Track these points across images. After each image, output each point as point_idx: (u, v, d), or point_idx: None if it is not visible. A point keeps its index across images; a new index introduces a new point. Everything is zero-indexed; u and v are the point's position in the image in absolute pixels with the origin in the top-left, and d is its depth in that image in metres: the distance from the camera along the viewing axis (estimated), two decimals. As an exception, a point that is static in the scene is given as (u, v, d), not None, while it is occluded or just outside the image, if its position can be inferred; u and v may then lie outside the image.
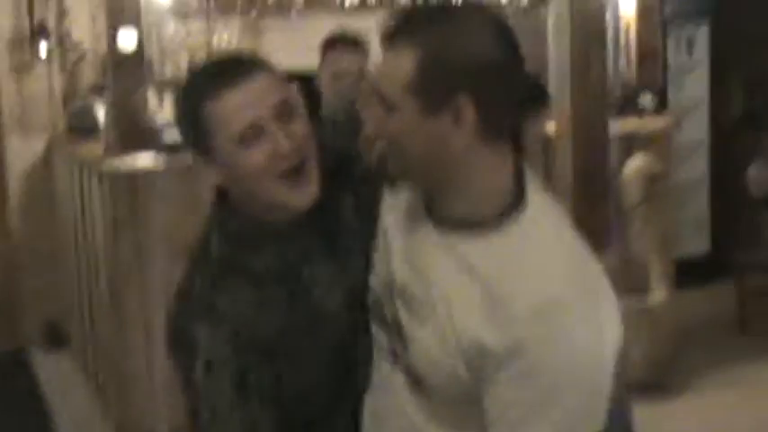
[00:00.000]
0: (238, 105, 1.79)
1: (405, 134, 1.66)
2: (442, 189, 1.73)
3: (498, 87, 1.64)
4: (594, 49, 3.86)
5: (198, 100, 1.83)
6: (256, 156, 1.81)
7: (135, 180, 4.92)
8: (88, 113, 6.33)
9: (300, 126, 1.84)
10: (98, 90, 6.67)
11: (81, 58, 7.09)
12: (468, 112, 1.62)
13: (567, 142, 3.90)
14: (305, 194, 1.84)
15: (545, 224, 1.71)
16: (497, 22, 1.69)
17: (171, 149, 4.94)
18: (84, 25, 7.13)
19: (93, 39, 7.15)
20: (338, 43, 4.40)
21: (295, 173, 1.82)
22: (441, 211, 1.75)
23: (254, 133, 1.80)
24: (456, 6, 1.71)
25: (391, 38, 1.67)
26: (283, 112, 1.82)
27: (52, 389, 6.06)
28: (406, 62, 1.63)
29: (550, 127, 4.78)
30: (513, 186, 1.71)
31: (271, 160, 1.80)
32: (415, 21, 1.68)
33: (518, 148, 1.75)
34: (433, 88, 1.62)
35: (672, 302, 5.15)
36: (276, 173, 1.81)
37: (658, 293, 4.88)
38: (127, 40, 4.97)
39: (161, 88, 6.59)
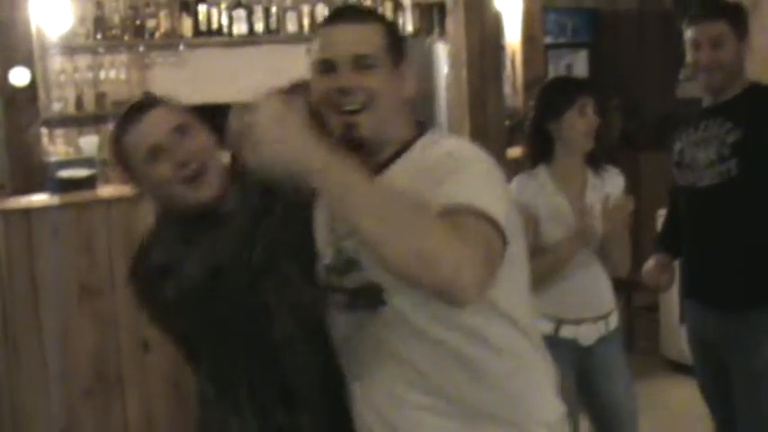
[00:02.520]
0: (141, 133, 2.25)
1: (385, 83, 2.10)
2: (389, 137, 2.13)
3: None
4: (491, 82, 3.95)
5: (117, 139, 2.31)
6: (161, 168, 2.24)
7: (30, 218, 4.85)
8: (-24, 152, 6.21)
9: (196, 141, 2.25)
10: (-16, 128, 6.56)
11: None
12: (411, 73, 2.19)
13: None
14: (205, 191, 2.25)
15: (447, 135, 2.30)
16: None
17: (64, 186, 4.90)
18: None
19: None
20: None
21: (194, 178, 2.24)
22: (377, 162, 2.13)
23: (156, 152, 2.24)
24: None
25: (359, 16, 2.16)
26: (179, 133, 2.24)
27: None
28: (378, 31, 2.13)
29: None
30: (418, 125, 2.21)
31: (173, 170, 2.23)
32: (365, 7, 2.42)
33: None
34: (396, 49, 2.15)
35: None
36: (179, 180, 2.24)
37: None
38: (18, 76, 4.92)
39: (50, 124, 6.50)
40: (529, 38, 6.30)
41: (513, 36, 6.32)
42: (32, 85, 4.97)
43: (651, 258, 3.73)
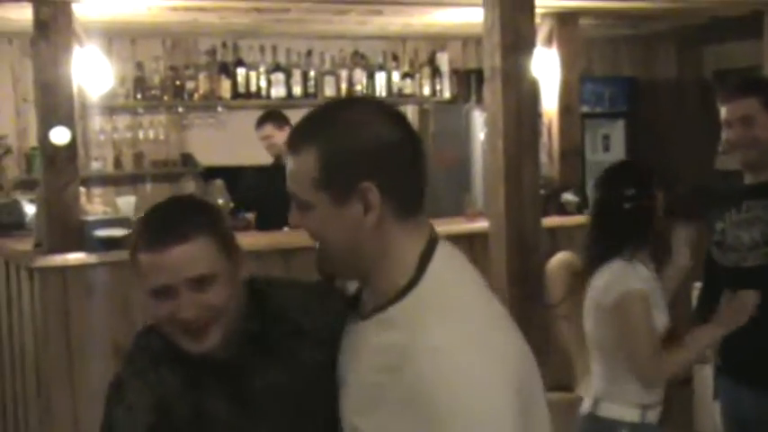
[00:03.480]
0: (159, 266, 1.88)
1: (323, 228, 1.76)
2: (366, 275, 1.81)
3: (397, 167, 1.74)
4: (528, 151, 3.97)
5: (135, 245, 1.93)
6: (162, 309, 1.90)
7: (66, 276, 4.89)
8: (14, 209, 6.27)
9: (214, 296, 1.91)
10: (23, 185, 6.65)
11: (6, 152, 7.06)
12: (373, 196, 1.71)
13: (500, 243, 3.98)
14: (201, 346, 1.92)
15: (439, 294, 1.74)
16: (387, 108, 1.82)
17: (102, 245, 4.94)
18: (9, 120, 7.12)
19: (17, 134, 7.14)
20: None
21: (195, 330, 1.91)
22: (367, 303, 1.83)
23: (165, 292, 1.89)
24: (348, 101, 1.93)
25: (294, 143, 1.78)
26: (200, 283, 1.89)
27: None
28: (308, 161, 1.73)
29: (482, 225, 4.87)
30: (417, 262, 1.76)
31: (172, 317, 1.90)
32: (311, 122, 1.79)
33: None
34: (337, 179, 1.72)
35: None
36: (177, 327, 1.91)
37: (583, 389, 4.94)
38: (59, 135, 4.98)
39: (88, 183, 6.56)
40: (565, 107, 6.32)
41: (549, 104, 6.34)
42: (72, 144, 5.03)
43: (694, 332, 3.70)
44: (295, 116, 7.87)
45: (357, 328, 1.83)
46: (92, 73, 6.10)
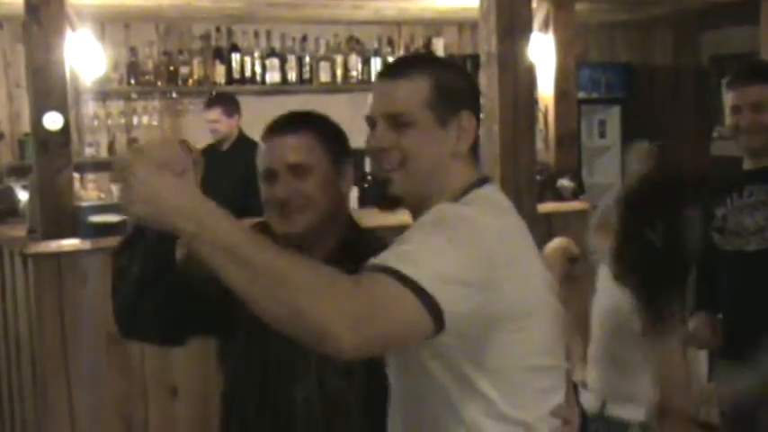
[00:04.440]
0: (268, 151, 2.29)
1: (419, 145, 2.00)
2: (429, 201, 2.00)
3: (479, 107, 2.10)
4: (524, 137, 3.94)
5: (268, 129, 2.34)
6: (266, 191, 2.28)
7: (60, 262, 4.86)
8: (7, 195, 6.24)
9: (308, 186, 2.26)
10: (16, 171, 6.62)
11: (-1, 138, 7.04)
12: (469, 123, 2.04)
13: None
14: (288, 227, 2.25)
15: (485, 199, 2.01)
16: (462, 66, 2.30)
17: (96, 231, 4.91)
18: (1, 106, 7.08)
19: (10, 119, 7.11)
20: None
21: (287, 212, 2.25)
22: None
23: (270, 175, 2.27)
24: (435, 54, 2.19)
25: (402, 70, 2.04)
26: (297, 171, 2.25)
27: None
28: (422, 85, 2.01)
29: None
30: (473, 182, 2.04)
31: (272, 198, 2.27)
32: (420, 57, 2.29)
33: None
34: (445, 104, 2.01)
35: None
36: (273, 207, 2.26)
37: (578, 374, 4.92)
38: (52, 120, 4.94)
39: (82, 169, 6.53)
40: (562, 93, 6.29)
41: (546, 90, 6.31)
42: (65, 129, 4.99)
43: (695, 317, 3.67)
44: (291, 102, 7.91)
45: None
46: (85, 58, 6.07)
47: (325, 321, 1.67)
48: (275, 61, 7.90)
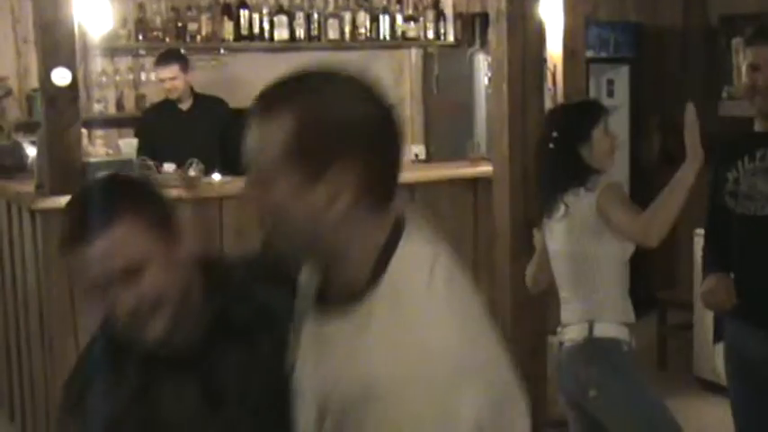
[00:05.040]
0: (83, 265, 1.78)
1: (283, 206, 1.57)
2: (326, 262, 1.65)
3: (378, 154, 1.58)
4: (532, 95, 3.94)
5: (63, 249, 1.83)
6: (104, 304, 1.80)
7: (67, 218, 4.87)
8: (15, 151, 6.25)
9: (148, 285, 1.77)
10: (24, 127, 6.62)
11: (6, 94, 7.03)
12: (348, 178, 1.54)
13: (504, 187, 3.96)
14: (149, 337, 1.80)
15: (405, 295, 1.58)
16: (372, 88, 1.62)
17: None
18: (9, 61, 7.07)
19: (18, 75, 7.10)
20: None
21: (139, 321, 1.79)
22: (325, 289, 1.68)
23: (99, 288, 1.77)
24: (332, 72, 1.62)
25: (264, 107, 1.58)
26: (129, 274, 1.76)
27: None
28: (282, 128, 1.54)
29: (486, 170, 4.86)
30: (380, 253, 1.60)
31: (114, 311, 1.79)
32: (288, 86, 1.60)
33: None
34: (313, 153, 1.53)
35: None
36: (123, 319, 1.79)
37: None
38: (60, 76, 4.94)
39: (90, 125, 6.53)
40: (570, 52, 6.25)
41: (554, 49, 6.29)
42: (74, 85, 4.99)
43: (710, 278, 3.68)
44: (299, 59, 7.88)
45: (317, 323, 1.68)
46: (93, 14, 6.06)
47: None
48: (283, 18, 7.87)
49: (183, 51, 7.48)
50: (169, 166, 5.56)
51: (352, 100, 1.58)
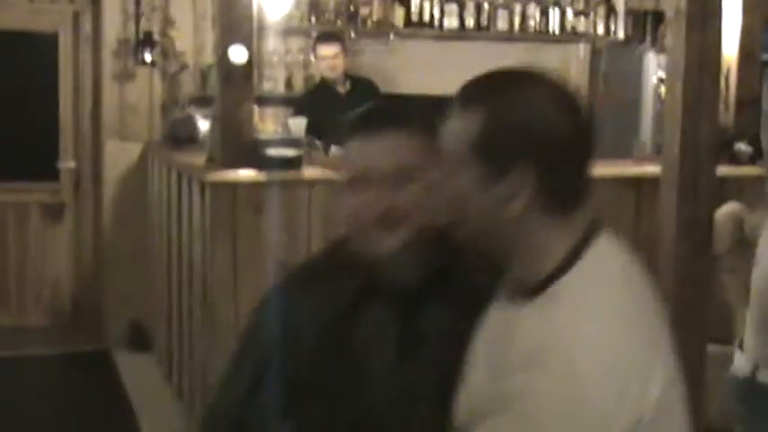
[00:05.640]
0: (357, 156, 1.90)
1: (463, 197, 1.66)
2: (503, 256, 1.72)
3: (563, 160, 1.63)
4: (707, 99, 3.87)
5: (345, 136, 1.95)
6: (356, 201, 1.89)
7: (236, 192, 5.01)
8: (188, 124, 6.46)
9: (406, 195, 1.86)
10: (197, 101, 6.81)
11: (182, 68, 7.24)
12: (526, 181, 1.61)
13: (672, 189, 3.91)
14: (383, 245, 1.87)
15: (588, 291, 1.63)
16: (569, 95, 1.69)
17: (273, 164, 5.04)
18: (187, 37, 7.29)
19: (194, 50, 7.31)
20: None
21: (382, 226, 1.86)
22: (507, 279, 1.75)
23: (361, 183, 1.88)
24: (528, 74, 1.71)
25: (463, 100, 1.68)
26: (395, 178, 1.86)
27: (136, 390, 6.19)
28: (473, 123, 1.63)
29: (651, 170, 4.80)
30: (567, 255, 1.65)
31: (364, 210, 1.87)
32: (485, 86, 1.69)
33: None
34: (496, 151, 1.61)
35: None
36: (366, 221, 1.87)
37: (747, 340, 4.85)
38: (237, 54, 5.07)
39: (261, 103, 6.68)
40: (746, 54, 6.13)
41: (729, 50, 6.16)
42: (249, 63, 5.12)
43: None
44: (468, 48, 7.88)
45: (498, 309, 1.77)
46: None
47: None
48: (453, 6, 7.88)
49: (353, 35, 7.62)
50: (336, 148, 5.66)
51: (547, 106, 1.64)
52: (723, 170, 5.61)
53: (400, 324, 1.91)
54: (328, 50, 6.73)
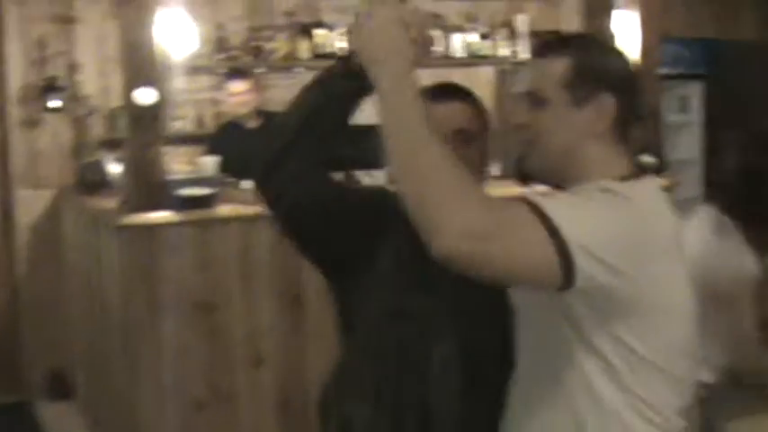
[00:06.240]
0: (434, 116, 2.02)
1: (554, 125, 2.02)
2: (570, 177, 2.02)
3: (628, 93, 2.05)
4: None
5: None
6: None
7: (151, 234, 5.00)
8: (99, 168, 6.41)
9: (470, 152, 2.30)
10: (108, 144, 6.77)
11: (91, 112, 7.20)
12: (609, 106, 2.01)
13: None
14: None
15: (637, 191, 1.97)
16: (621, 50, 2.22)
17: (185, 204, 5.03)
18: (93, 80, 7.25)
19: (102, 93, 7.27)
20: None
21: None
22: None
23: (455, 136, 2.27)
24: (590, 34, 2.27)
25: (545, 49, 2.10)
26: (459, 137, 2.29)
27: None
28: (560, 65, 2.02)
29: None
30: (627, 174, 2.01)
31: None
32: (565, 36, 2.19)
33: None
34: (582, 84, 2.01)
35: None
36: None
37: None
38: (144, 95, 5.07)
39: (171, 142, 6.65)
40: (645, 69, 6.27)
41: (629, 67, 6.28)
42: (157, 104, 5.11)
43: None
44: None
45: None
46: (175, 34, 6.19)
47: (443, 218, 1.73)
48: (359, 37, 7.93)
49: (260, 70, 7.64)
50: (248, 183, 5.66)
51: (611, 50, 2.19)
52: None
53: None
54: (238, 87, 6.75)
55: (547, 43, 2.14)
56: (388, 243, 2.32)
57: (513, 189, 2.34)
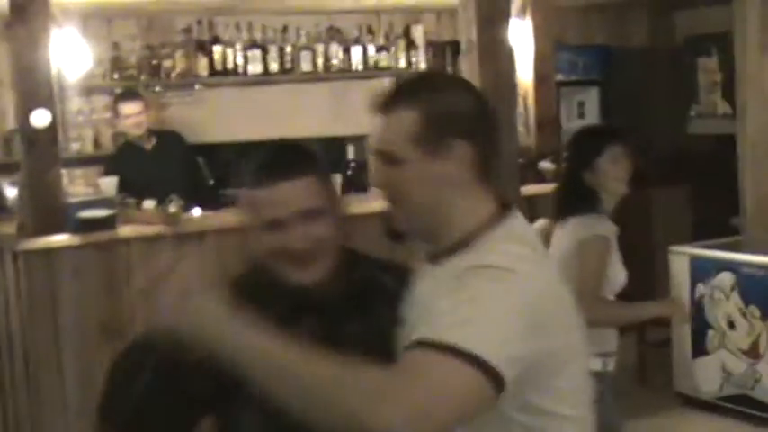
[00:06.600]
0: (270, 201, 2.07)
1: (411, 182, 1.93)
2: (438, 232, 1.96)
3: (483, 133, 1.97)
4: (505, 122, 4.00)
5: (244, 182, 2.12)
6: (273, 242, 2.07)
7: (51, 258, 4.93)
8: (-5, 192, 6.30)
9: (322, 228, 2.09)
10: (3, 168, 6.64)
11: (-16, 137, 7.06)
12: (466, 153, 1.91)
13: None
14: (307, 276, 2.09)
15: (508, 237, 1.91)
16: (469, 85, 2.14)
17: (85, 226, 4.97)
18: (-17, 103, 7.11)
19: (-5, 117, 7.14)
20: None
21: (303, 260, 2.07)
22: (436, 253, 1.99)
23: (275, 225, 2.07)
24: (437, 73, 2.10)
25: (390, 104, 1.96)
26: (307, 217, 2.07)
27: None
28: (407, 120, 1.92)
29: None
30: (493, 214, 1.94)
31: (283, 249, 2.07)
32: (410, 86, 2.01)
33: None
34: (433, 136, 1.90)
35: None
36: (286, 258, 2.07)
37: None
38: (39, 118, 4.99)
39: (69, 165, 6.57)
40: (541, 77, 6.37)
41: (525, 75, 6.39)
42: (53, 126, 5.05)
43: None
44: (273, 92, 7.90)
45: (425, 274, 2.02)
46: (69, 55, 6.11)
47: (387, 424, 1.63)
48: (257, 52, 7.93)
49: (158, 88, 7.58)
50: (149, 203, 5.61)
51: (463, 93, 2.02)
52: (531, 189, 5.81)
53: (326, 332, 2.07)
54: (130, 108, 6.66)
55: (391, 98, 1.97)
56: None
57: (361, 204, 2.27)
